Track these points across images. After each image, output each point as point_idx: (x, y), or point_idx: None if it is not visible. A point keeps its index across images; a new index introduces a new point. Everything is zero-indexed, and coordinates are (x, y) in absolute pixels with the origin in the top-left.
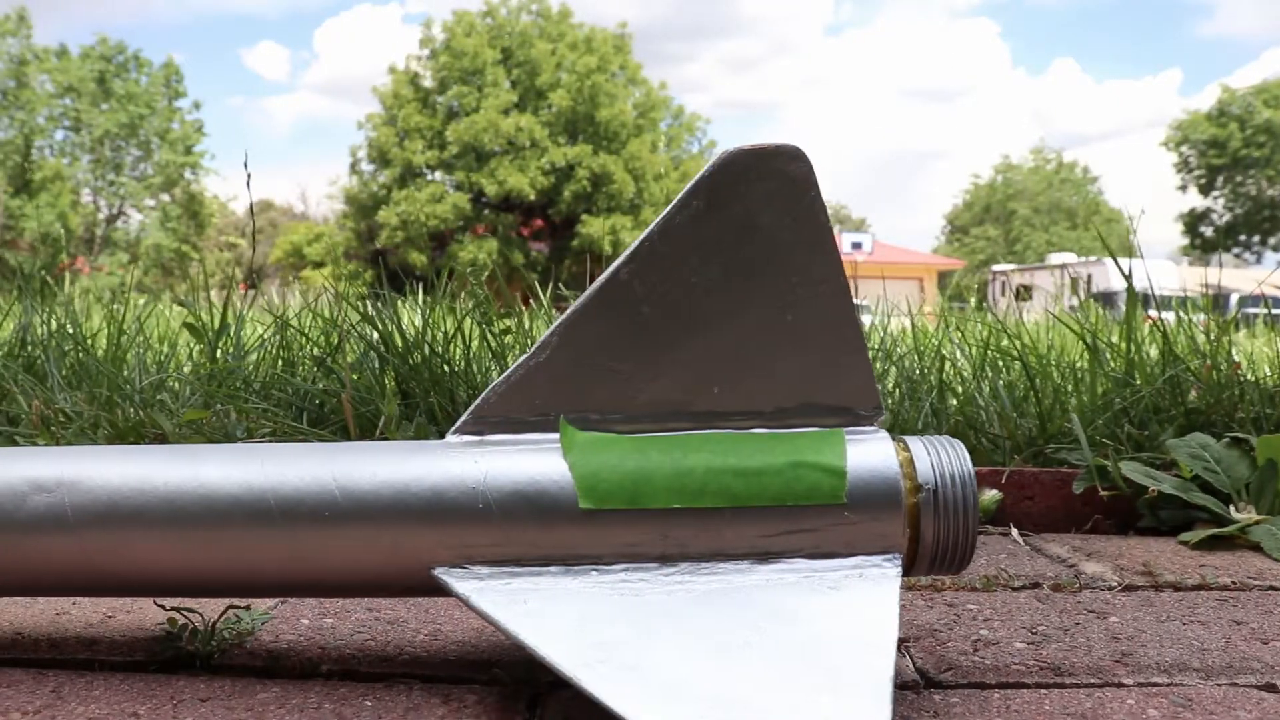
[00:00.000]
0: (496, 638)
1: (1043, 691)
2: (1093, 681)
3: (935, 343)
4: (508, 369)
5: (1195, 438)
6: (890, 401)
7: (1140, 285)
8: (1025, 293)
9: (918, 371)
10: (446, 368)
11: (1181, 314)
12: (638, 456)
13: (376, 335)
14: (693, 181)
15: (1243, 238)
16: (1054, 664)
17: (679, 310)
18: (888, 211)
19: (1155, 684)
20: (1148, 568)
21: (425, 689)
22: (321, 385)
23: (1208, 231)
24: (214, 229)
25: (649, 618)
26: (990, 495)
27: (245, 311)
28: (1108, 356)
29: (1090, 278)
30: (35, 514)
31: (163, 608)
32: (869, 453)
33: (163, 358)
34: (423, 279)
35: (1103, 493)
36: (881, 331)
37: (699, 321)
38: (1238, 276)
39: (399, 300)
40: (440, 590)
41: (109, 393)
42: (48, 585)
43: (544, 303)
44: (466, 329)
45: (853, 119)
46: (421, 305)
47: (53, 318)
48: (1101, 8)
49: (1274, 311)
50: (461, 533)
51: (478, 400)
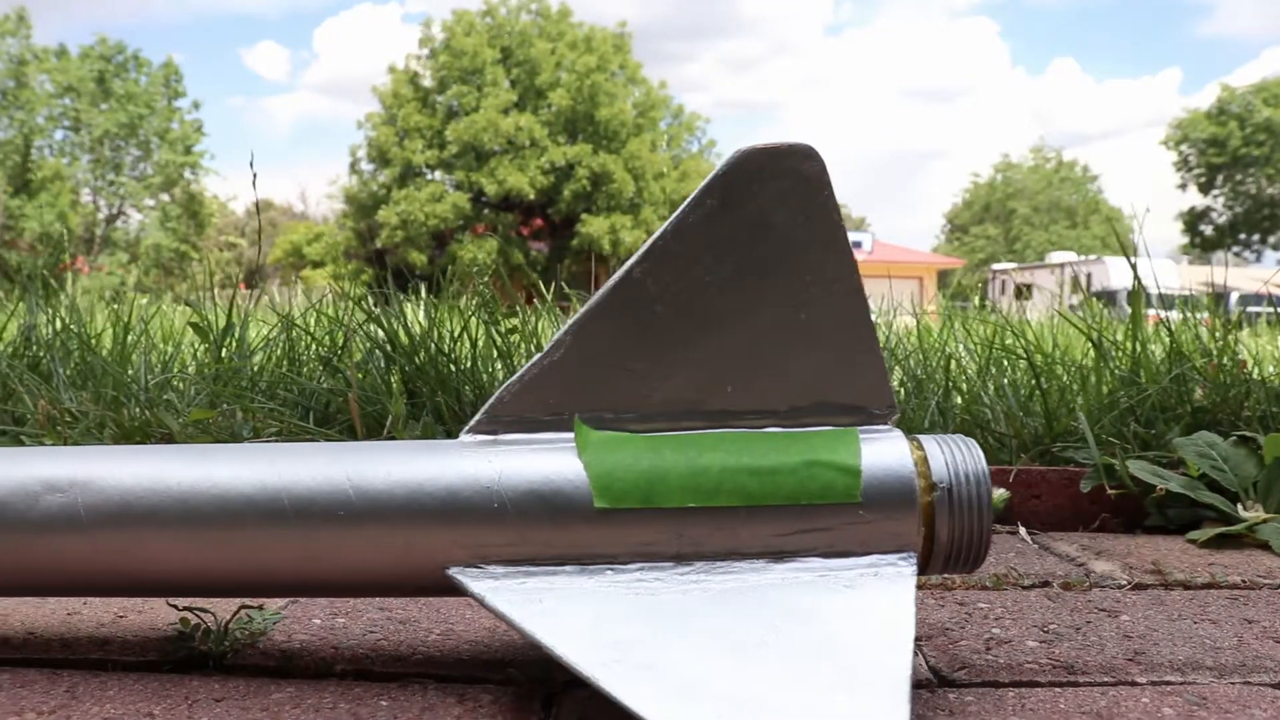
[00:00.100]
0: (509, 637)
1: (1057, 690)
2: (1106, 680)
3: (940, 341)
4: (514, 368)
5: (1202, 436)
6: (896, 400)
7: (1143, 284)
8: (1026, 291)
9: (921, 371)
10: (453, 367)
11: (1186, 313)
12: (652, 455)
13: (382, 334)
14: (706, 180)
15: (1243, 236)
16: (1067, 662)
17: (692, 309)
18: (888, 211)
19: (1169, 682)
20: (1157, 566)
21: (440, 689)
22: (327, 385)
23: (1207, 230)
24: (214, 229)
25: (665, 617)
26: (998, 494)
27: (250, 311)
28: (1114, 355)
29: (1090, 276)
30: (48, 514)
31: (175, 608)
32: (883, 451)
33: (167, 357)
34: (426, 278)
35: (1110, 491)
36: (886, 330)
37: (713, 320)
38: (1238, 275)
39: (404, 299)
40: (455, 590)
41: (114, 392)
42: (60, 585)
43: (548, 301)
44: (472, 328)
45: (853, 119)
46: (426, 304)
47: (57, 317)
48: (1101, 7)
49: (1276, 310)
50: (476, 532)
51: (491, 399)
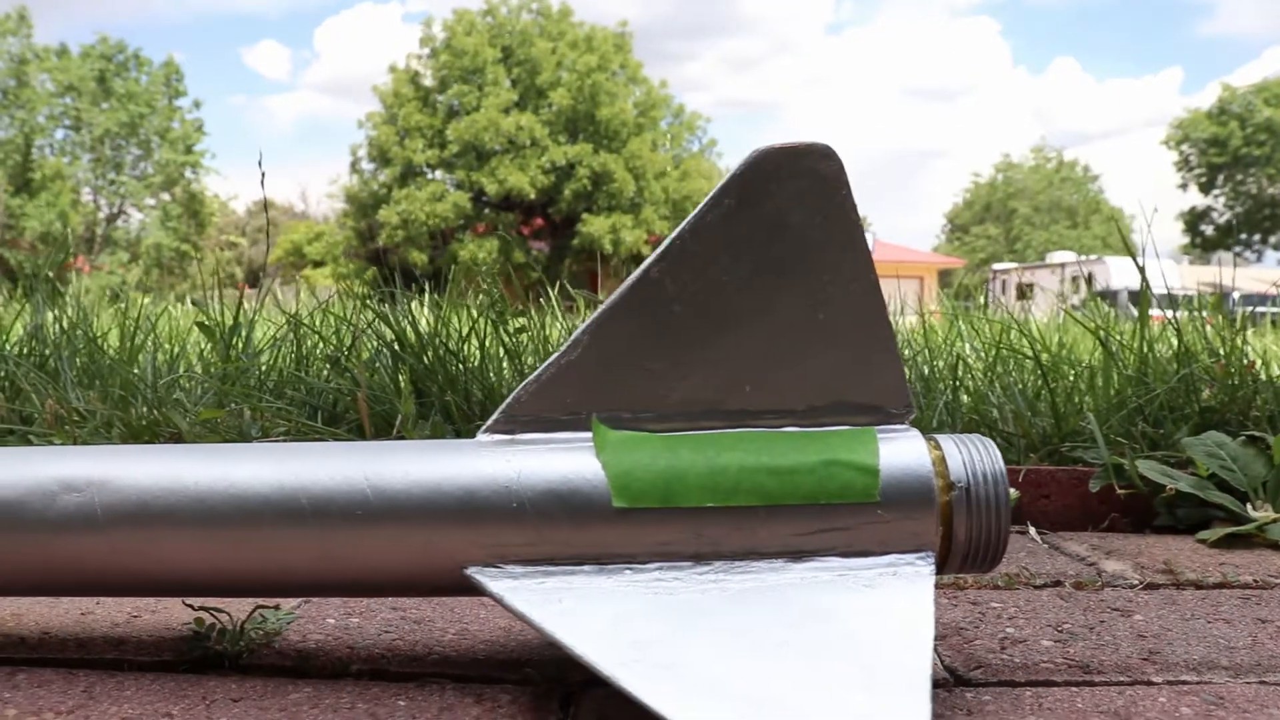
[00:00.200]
0: (525, 637)
1: (1073, 689)
2: (1122, 679)
3: (947, 341)
4: (522, 368)
5: (1211, 436)
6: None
7: (1149, 284)
8: (1027, 291)
9: (927, 370)
10: (461, 366)
11: (1192, 312)
12: (670, 455)
13: (391, 334)
14: (724, 180)
15: (1243, 236)
16: (1082, 662)
17: (710, 308)
18: (888, 210)
19: (1185, 682)
20: (1169, 566)
21: (458, 689)
22: (336, 384)
23: (1208, 230)
24: (214, 228)
25: (684, 616)
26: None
27: (257, 310)
28: (1121, 355)
29: (1091, 276)
30: (65, 513)
31: (191, 607)
32: (901, 451)
33: (173, 357)
34: (431, 277)
35: (1120, 491)
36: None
37: (730, 320)
38: (1239, 275)
39: (410, 299)
40: (473, 590)
41: (122, 392)
42: (77, 585)
43: (553, 301)
44: (481, 328)
45: (853, 118)
46: (434, 303)
47: (64, 316)
48: (1102, 6)
49: (1275, 310)
50: (495, 532)
51: (508, 399)
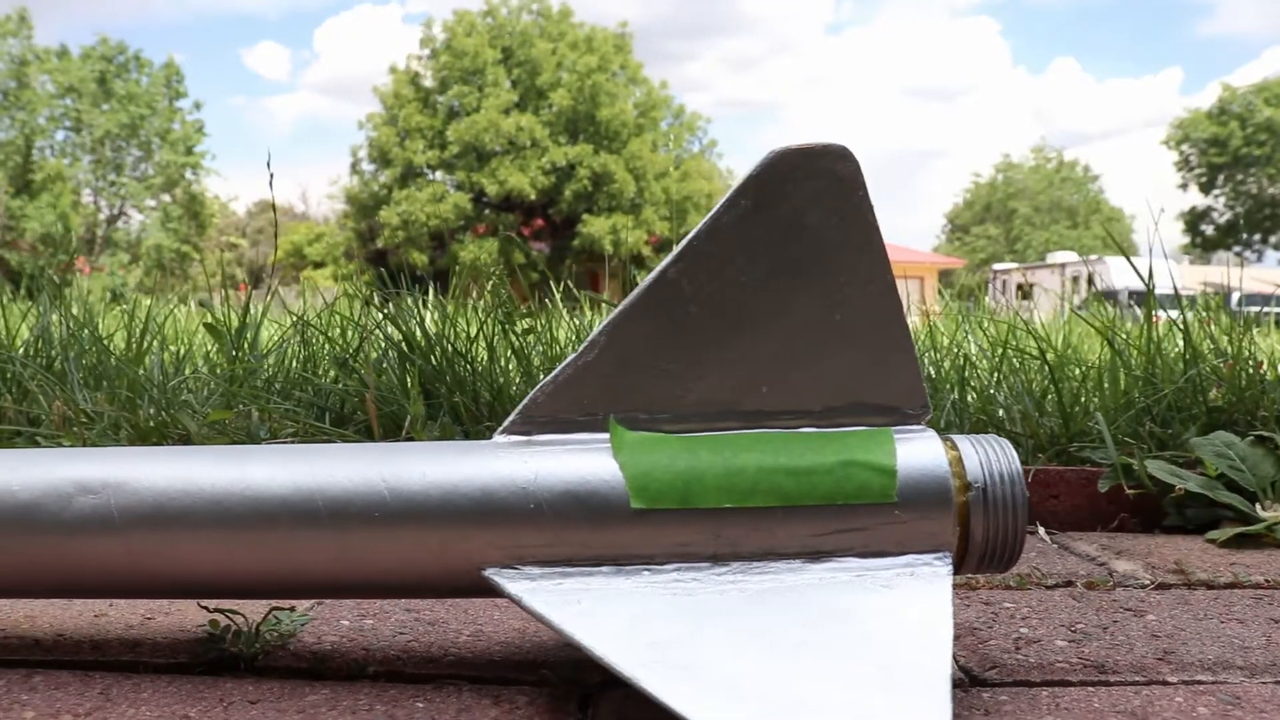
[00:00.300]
0: (539, 638)
1: (1090, 689)
2: (1138, 679)
3: (953, 341)
4: (530, 369)
5: (1219, 436)
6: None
7: (1152, 284)
8: (1028, 291)
9: (934, 371)
10: (470, 367)
11: (1195, 313)
12: (688, 456)
13: (399, 335)
14: (740, 181)
15: (1244, 236)
16: (1097, 662)
17: (727, 309)
18: (888, 210)
19: (1201, 682)
20: (1180, 566)
21: (474, 690)
22: (344, 385)
23: (1208, 230)
24: (215, 229)
25: (702, 617)
26: None
27: (264, 311)
28: (1129, 355)
29: (1091, 277)
30: (81, 515)
31: (206, 609)
32: (918, 451)
33: (180, 359)
34: (429, 278)
35: (1129, 491)
36: None
37: (747, 321)
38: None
39: (416, 300)
40: (490, 591)
41: (129, 393)
42: (93, 587)
43: (558, 302)
44: (489, 329)
45: (853, 118)
46: (441, 305)
47: (70, 317)
48: (1102, 6)
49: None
50: (512, 533)
51: (525, 400)
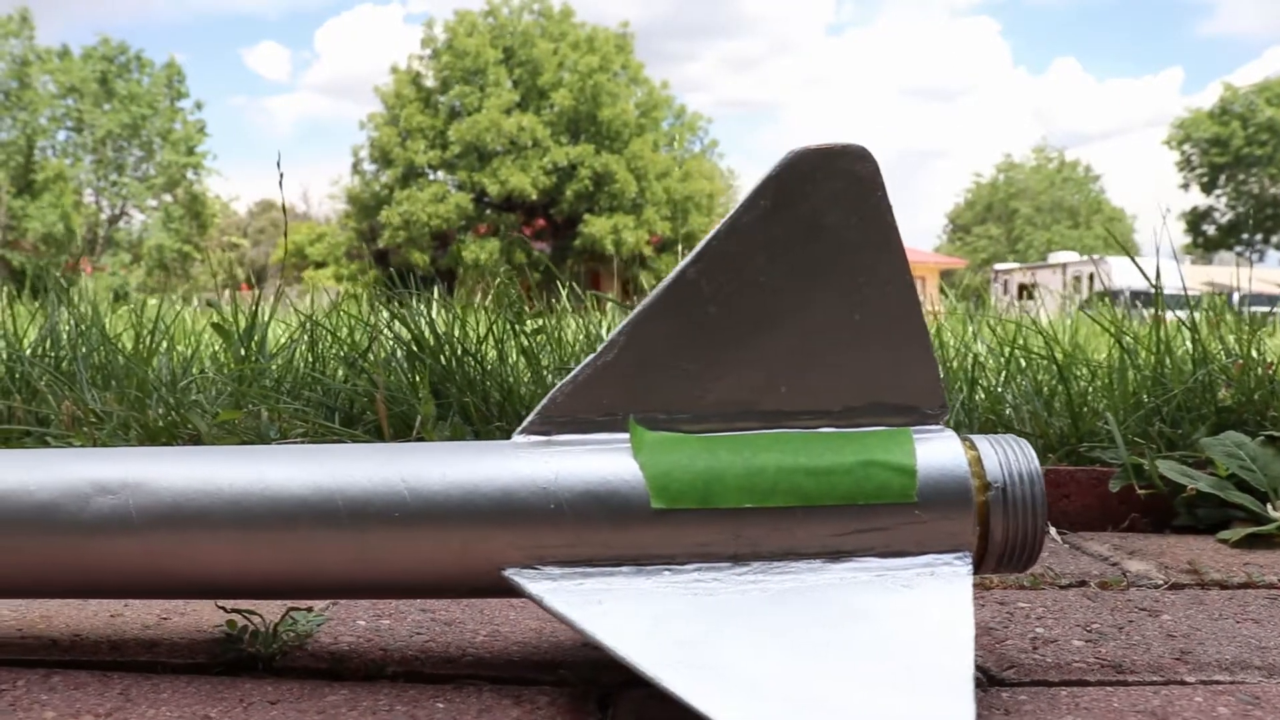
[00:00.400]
0: (556, 638)
1: (1108, 689)
2: (1156, 679)
3: (964, 341)
4: (539, 369)
5: (1230, 436)
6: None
7: (1147, 284)
8: (1029, 291)
9: (942, 371)
10: (480, 368)
11: (1203, 313)
12: (708, 456)
13: (409, 335)
14: (759, 181)
15: (1245, 236)
16: (1114, 662)
17: (746, 309)
18: None
19: (1219, 682)
20: (1193, 566)
21: (494, 690)
22: (353, 385)
23: (1210, 230)
24: (216, 229)
25: (724, 617)
26: None
27: (273, 312)
28: (1138, 354)
29: (1093, 277)
30: (99, 515)
31: (223, 609)
32: (938, 451)
33: (187, 359)
34: (431, 278)
35: (1140, 491)
36: None
37: (766, 321)
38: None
39: (425, 299)
40: (510, 591)
41: (138, 393)
42: (111, 587)
43: (565, 301)
44: (498, 329)
45: (854, 118)
46: (446, 305)
47: (78, 317)
48: (1102, 6)
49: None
50: (533, 533)
51: (544, 400)
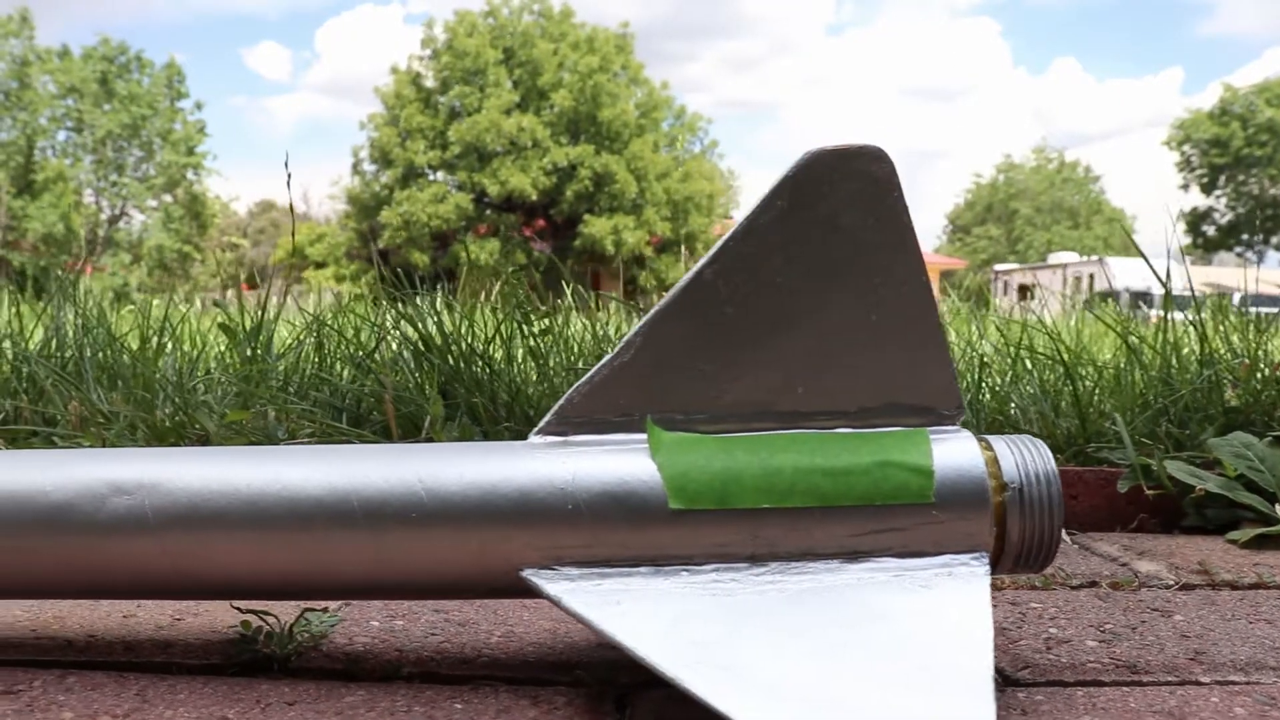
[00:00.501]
0: (571, 639)
1: (1124, 689)
2: (1171, 680)
3: (968, 341)
4: (547, 370)
5: (1238, 437)
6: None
7: (1148, 284)
8: (1029, 292)
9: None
10: (488, 368)
11: (1209, 313)
12: (725, 456)
13: (416, 336)
14: (776, 182)
15: (1245, 237)
16: (1129, 662)
17: (762, 310)
18: None
19: (1234, 682)
20: (1203, 566)
21: (511, 691)
22: (361, 385)
23: (1210, 230)
24: (216, 229)
25: (742, 618)
26: None
27: (279, 312)
28: (1145, 355)
29: (1093, 277)
30: (115, 516)
31: (239, 609)
32: (954, 452)
33: (193, 359)
34: (434, 278)
35: (1148, 491)
36: None
37: (783, 322)
38: (1240, 275)
39: (431, 299)
40: (528, 592)
41: (145, 393)
42: (127, 587)
43: (570, 301)
44: (506, 329)
45: (854, 118)
46: (453, 305)
47: (84, 317)
48: (1102, 7)
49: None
50: (551, 534)
51: (560, 401)
